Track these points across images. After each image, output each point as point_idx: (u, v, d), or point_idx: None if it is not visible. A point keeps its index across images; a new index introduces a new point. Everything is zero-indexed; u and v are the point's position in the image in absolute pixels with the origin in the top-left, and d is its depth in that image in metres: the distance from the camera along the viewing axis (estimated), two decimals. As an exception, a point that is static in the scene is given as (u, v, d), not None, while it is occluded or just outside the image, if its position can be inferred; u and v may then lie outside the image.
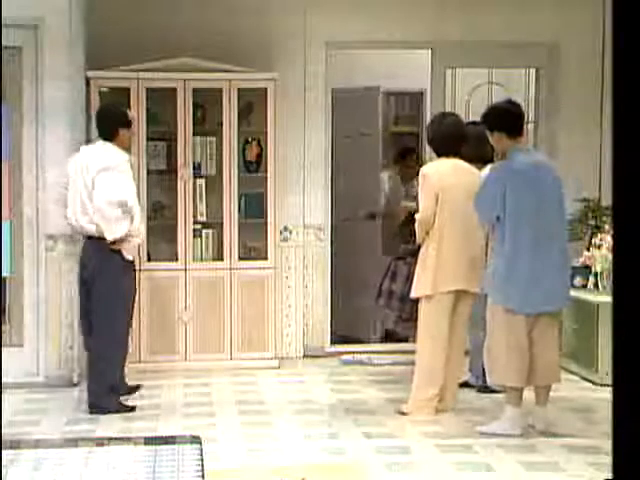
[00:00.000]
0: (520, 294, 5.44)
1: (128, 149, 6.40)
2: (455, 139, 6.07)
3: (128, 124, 6.29)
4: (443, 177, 5.96)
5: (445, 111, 6.88)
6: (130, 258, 6.17)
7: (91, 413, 6.05)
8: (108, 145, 6.17)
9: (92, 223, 6.03)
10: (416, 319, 6.13)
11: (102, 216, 5.97)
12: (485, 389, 6.50)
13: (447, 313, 5.96)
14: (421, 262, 6.00)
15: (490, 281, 5.56)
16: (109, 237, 6.01)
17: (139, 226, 6.20)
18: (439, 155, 6.13)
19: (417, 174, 6.29)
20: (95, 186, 5.99)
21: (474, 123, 6.60)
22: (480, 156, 6.31)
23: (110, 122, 6.28)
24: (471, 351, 6.55)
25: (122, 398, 6.24)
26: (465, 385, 6.58)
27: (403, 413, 6.01)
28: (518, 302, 5.45)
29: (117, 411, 6.05)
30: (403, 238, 7.82)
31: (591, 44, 7.99)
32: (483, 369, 6.39)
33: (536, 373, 5.52)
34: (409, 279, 6.41)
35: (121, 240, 6.05)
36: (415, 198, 6.66)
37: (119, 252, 6.08)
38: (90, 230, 6.06)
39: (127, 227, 6.04)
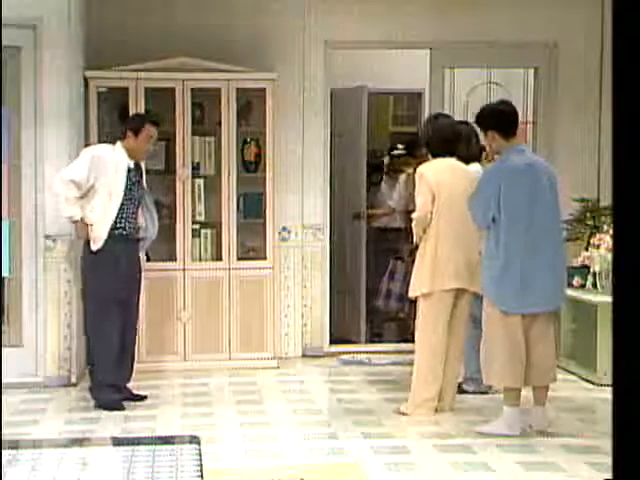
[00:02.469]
0: (515, 295, 5.42)
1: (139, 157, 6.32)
2: (449, 140, 6.09)
3: (134, 129, 6.19)
4: (439, 176, 5.97)
5: (437, 112, 6.89)
6: (94, 249, 6.07)
7: (95, 407, 6.13)
8: (117, 144, 6.22)
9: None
10: (414, 318, 6.12)
11: (52, 191, 6.24)
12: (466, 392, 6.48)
13: (446, 312, 5.95)
14: (418, 261, 6.01)
15: (486, 282, 5.56)
16: (62, 213, 6.21)
17: (93, 215, 6.05)
18: (434, 156, 6.14)
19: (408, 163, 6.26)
20: None
21: (461, 122, 6.62)
22: (468, 155, 6.34)
23: (123, 122, 6.41)
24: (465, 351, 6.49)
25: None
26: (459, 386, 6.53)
27: (402, 413, 6.01)
28: (513, 303, 5.44)
29: (106, 408, 6.06)
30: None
31: (590, 44, 8.01)
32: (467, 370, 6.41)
33: (533, 373, 5.51)
34: (407, 279, 6.40)
35: (81, 229, 6.11)
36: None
37: (88, 244, 6.12)
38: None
39: (79, 211, 6.07)
